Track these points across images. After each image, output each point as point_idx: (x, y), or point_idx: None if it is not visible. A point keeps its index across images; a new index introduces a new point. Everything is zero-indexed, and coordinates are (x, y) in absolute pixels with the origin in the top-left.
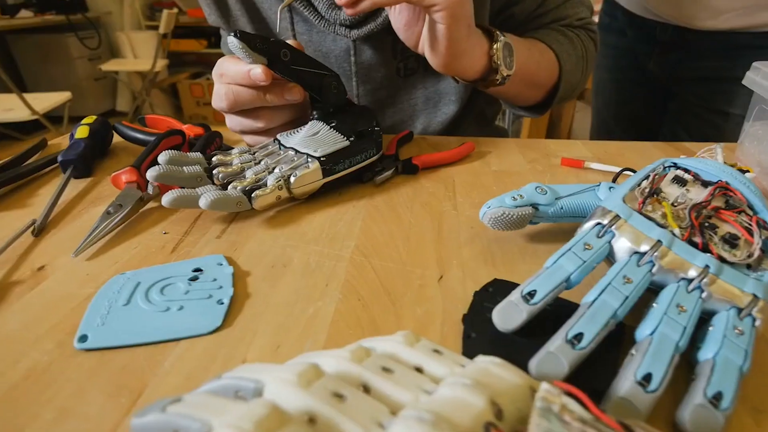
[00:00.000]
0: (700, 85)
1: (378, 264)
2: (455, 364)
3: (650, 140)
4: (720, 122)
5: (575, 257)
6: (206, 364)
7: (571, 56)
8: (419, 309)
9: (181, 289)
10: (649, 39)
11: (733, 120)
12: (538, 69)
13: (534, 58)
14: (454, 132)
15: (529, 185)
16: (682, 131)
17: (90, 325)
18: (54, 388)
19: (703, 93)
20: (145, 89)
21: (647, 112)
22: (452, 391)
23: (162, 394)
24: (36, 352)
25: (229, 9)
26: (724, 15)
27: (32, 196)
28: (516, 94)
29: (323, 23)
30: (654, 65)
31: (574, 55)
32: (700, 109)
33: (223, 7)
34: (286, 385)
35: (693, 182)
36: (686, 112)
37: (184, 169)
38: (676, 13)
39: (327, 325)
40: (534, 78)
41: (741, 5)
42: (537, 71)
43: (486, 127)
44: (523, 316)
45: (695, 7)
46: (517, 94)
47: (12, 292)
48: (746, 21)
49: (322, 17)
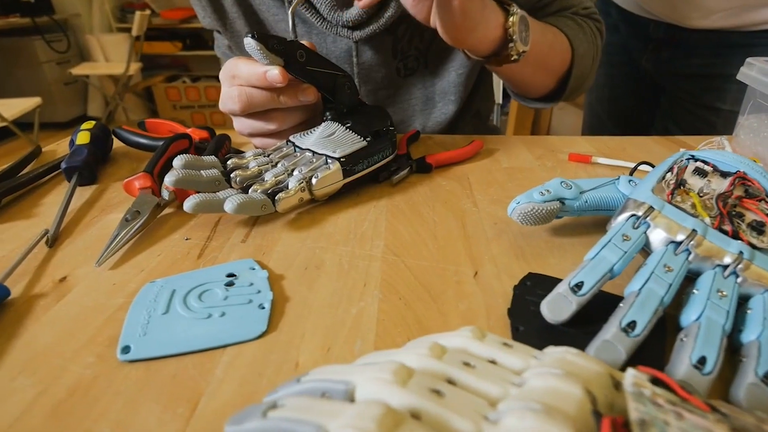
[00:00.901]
0: (692, 82)
1: (411, 263)
2: (528, 356)
3: (642, 135)
4: (712, 118)
5: (616, 248)
6: (259, 369)
7: (582, 42)
8: (461, 305)
9: (219, 295)
10: (642, 36)
11: (724, 115)
12: (551, 51)
13: (548, 39)
14: (451, 131)
15: (554, 180)
16: (674, 126)
17: (131, 336)
18: (104, 402)
19: (695, 89)
20: (119, 93)
21: (639, 107)
22: (545, 382)
23: (220, 401)
24: (76, 366)
25: (226, 11)
26: (715, 15)
27: (36, 205)
28: (529, 78)
29: (325, 25)
30: (647, 62)
31: (585, 41)
32: (692, 105)
33: (219, 9)
34: (383, 384)
35: (713, 173)
36: (678, 107)
37: (202, 174)
38: (669, 12)
39: (373, 325)
40: (547, 60)
41: (731, 5)
42: (550, 53)
43: (480, 126)
44: (572, 307)
45: (688, 6)
46: (530, 77)
47: (37, 305)
48: (737, 21)
49: (324, 19)
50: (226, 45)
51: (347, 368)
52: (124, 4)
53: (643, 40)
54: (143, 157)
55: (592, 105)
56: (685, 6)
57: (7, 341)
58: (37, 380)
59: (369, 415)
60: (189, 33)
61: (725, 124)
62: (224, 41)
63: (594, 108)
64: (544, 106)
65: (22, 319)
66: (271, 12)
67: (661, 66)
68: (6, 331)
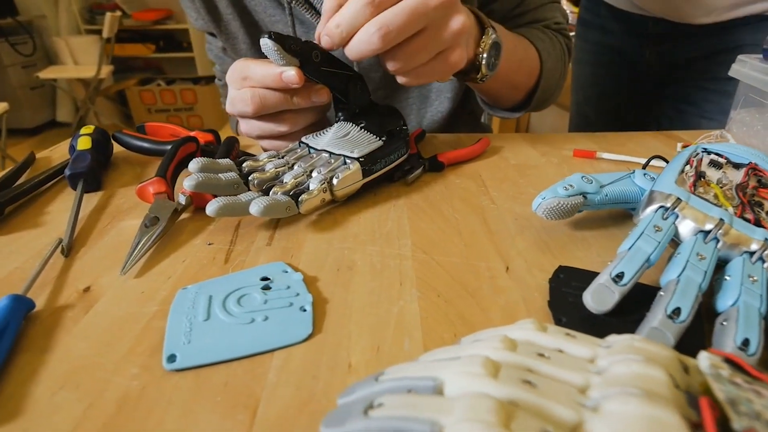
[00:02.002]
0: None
1: (442, 260)
2: (594, 345)
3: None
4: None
5: (650, 239)
6: (313, 372)
7: (551, 56)
8: (500, 300)
9: (258, 300)
10: (639, 33)
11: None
12: (521, 68)
13: (518, 55)
14: (446, 129)
15: (575, 175)
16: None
17: (175, 345)
18: (158, 413)
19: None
20: (90, 98)
21: (629, 106)
22: (629, 368)
23: (279, 406)
24: (120, 378)
25: (220, 13)
26: (718, 10)
27: (41, 213)
28: (495, 92)
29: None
30: (649, 56)
31: (554, 56)
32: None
33: (213, 10)
34: (475, 377)
35: (726, 165)
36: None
37: (221, 177)
38: (670, 11)
39: (418, 323)
40: (516, 77)
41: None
42: (519, 70)
43: (475, 124)
44: (615, 296)
45: (689, 5)
46: (496, 91)
47: (65, 317)
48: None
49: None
50: (219, 47)
51: (426, 365)
52: (92, 5)
53: (640, 36)
54: (145, 162)
55: (579, 105)
56: (686, 5)
57: (40, 355)
58: (81, 394)
59: (484, 408)
60: (162, 34)
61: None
62: (218, 43)
63: (581, 108)
64: (510, 116)
65: (52, 331)
66: (268, 13)
67: (665, 56)
68: (37, 344)
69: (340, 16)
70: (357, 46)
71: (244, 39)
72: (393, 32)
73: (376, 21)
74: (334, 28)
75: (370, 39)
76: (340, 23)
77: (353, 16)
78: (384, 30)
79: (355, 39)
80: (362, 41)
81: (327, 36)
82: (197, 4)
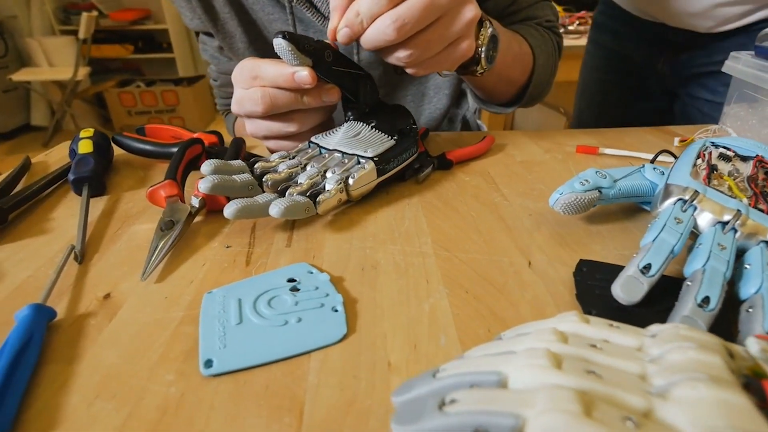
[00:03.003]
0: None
1: (464, 257)
2: (638, 334)
3: None
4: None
5: (673, 231)
6: (353, 371)
7: (543, 53)
8: (527, 294)
9: (288, 302)
10: (657, 41)
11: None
12: (515, 62)
13: (513, 50)
14: (443, 127)
15: (589, 170)
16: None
17: (211, 350)
18: (202, 419)
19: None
20: (66, 100)
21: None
22: (686, 355)
23: (324, 407)
24: (157, 385)
25: (217, 11)
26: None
27: (45, 220)
28: (490, 87)
29: (324, 23)
30: (663, 65)
31: (545, 53)
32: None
33: (210, 9)
34: (541, 370)
35: (734, 158)
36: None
37: (236, 178)
38: (686, 21)
39: (451, 320)
40: (511, 71)
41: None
42: (514, 64)
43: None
44: (644, 287)
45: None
46: (492, 86)
47: (88, 325)
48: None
49: (324, 17)
50: (215, 47)
51: (485, 360)
52: (66, 4)
53: (658, 44)
54: (147, 165)
55: (582, 110)
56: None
57: (68, 365)
58: (118, 403)
59: (564, 398)
60: (141, 35)
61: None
62: (213, 43)
63: (584, 114)
64: (502, 111)
65: (77, 340)
66: (266, 11)
67: (679, 68)
68: (63, 354)
69: (358, 4)
70: (372, 36)
71: (241, 38)
72: (408, 24)
73: (392, 13)
74: (354, 16)
75: (385, 31)
76: (360, 12)
77: (371, 6)
78: (399, 22)
79: (371, 29)
80: (378, 31)
81: (347, 27)
82: (193, 3)
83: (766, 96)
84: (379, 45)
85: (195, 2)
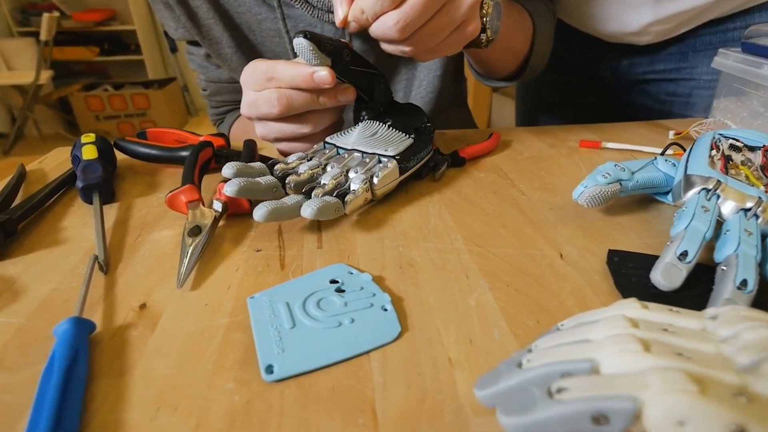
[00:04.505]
0: (657, 87)
1: (497, 251)
2: (698, 317)
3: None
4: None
5: (703, 219)
6: (416, 368)
7: (540, 19)
8: (566, 285)
9: (337, 303)
10: (599, 46)
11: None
12: (516, 32)
13: (513, 18)
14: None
15: (608, 163)
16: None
17: (270, 355)
18: (273, 425)
19: (659, 94)
20: (28, 105)
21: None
22: (759, 333)
23: (396, 405)
24: (218, 394)
25: (200, 19)
26: (669, 35)
27: (57, 230)
28: (495, 59)
29: (315, 13)
30: (604, 71)
31: (543, 19)
32: (652, 115)
33: (193, 17)
34: (634, 354)
35: (743, 148)
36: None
37: (261, 181)
38: (625, 39)
39: (499, 313)
40: (514, 42)
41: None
42: (516, 34)
43: (462, 107)
44: (683, 273)
45: (639, 35)
46: (496, 58)
47: (130, 337)
48: (685, 27)
49: (315, 7)
50: (202, 56)
51: (565, 349)
52: (25, 4)
53: (599, 50)
54: (152, 170)
55: (524, 115)
56: (637, 36)
57: (119, 378)
58: (183, 415)
59: (680, 379)
60: (107, 36)
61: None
62: (200, 52)
63: (529, 116)
64: (505, 85)
65: (122, 353)
66: (253, 12)
67: (621, 74)
68: (111, 367)
69: (361, 2)
70: (378, 33)
71: (228, 43)
72: (411, 24)
73: (394, 14)
74: (359, 13)
75: (388, 32)
76: (364, 8)
77: (373, 5)
78: (402, 23)
79: (376, 27)
80: (382, 31)
81: (354, 21)
82: (177, 12)
83: (753, 89)
84: (384, 40)
85: (179, 11)
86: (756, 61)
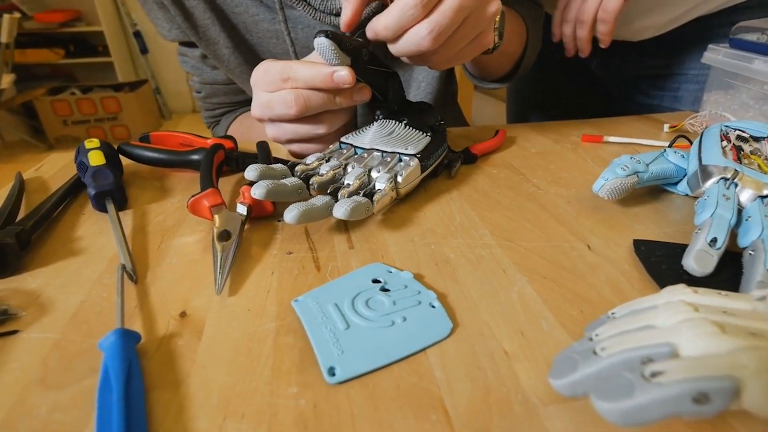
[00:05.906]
0: (647, 83)
1: (528, 245)
2: (748, 299)
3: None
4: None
5: (727, 206)
6: (476, 363)
7: (529, 19)
8: (600, 275)
9: (385, 302)
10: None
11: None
12: (513, 36)
13: (511, 23)
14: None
15: (624, 156)
16: None
17: (330, 357)
18: (347, 426)
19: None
20: None
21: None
22: None
23: (465, 399)
24: (283, 399)
25: (197, 19)
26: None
27: (71, 240)
28: (494, 63)
29: (315, 14)
30: (596, 68)
31: (535, 22)
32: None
33: (189, 18)
34: (713, 336)
35: (750, 139)
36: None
37: (287, 183)
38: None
39: (542, 305)
40: (510, 45)
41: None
42: (513, 37)
43: (453, 106)
44: (714, 259)
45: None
46: (494, 62)
47: (177, 346)
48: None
49: (315, 9)
50: (197, 57)
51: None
52: None
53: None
54: (159, 175)
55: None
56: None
57: (175, 389)
58: (252, 423)
59: (755, 346)
60: (72, 38)
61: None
62: (195, 53)
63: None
64: (498, 87)
65: (172, 363)
66: (250, 13)
67: (612, 71)
68: (164, 378)
69: (388, 17)
70: (406, 47)
71: (225, 43)
72: (444, 33)
73: (428, 23)
74: (382, 29)
75: (421, 42)
76: (387, 25)
77: (401, 18)
78: (435, 32)
79: (405, 40)
80: (412, 43)
81: (373, 32)
82: (172, 12)
83: (742, 83)
84: (411, 54)
85: (174, 11)
86: (745, 56)
